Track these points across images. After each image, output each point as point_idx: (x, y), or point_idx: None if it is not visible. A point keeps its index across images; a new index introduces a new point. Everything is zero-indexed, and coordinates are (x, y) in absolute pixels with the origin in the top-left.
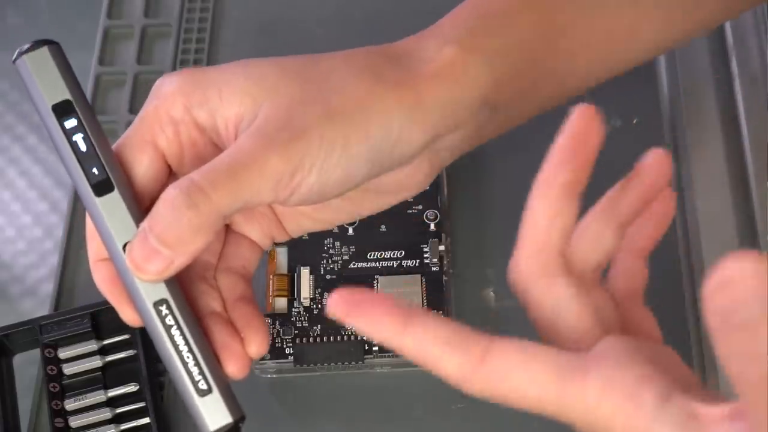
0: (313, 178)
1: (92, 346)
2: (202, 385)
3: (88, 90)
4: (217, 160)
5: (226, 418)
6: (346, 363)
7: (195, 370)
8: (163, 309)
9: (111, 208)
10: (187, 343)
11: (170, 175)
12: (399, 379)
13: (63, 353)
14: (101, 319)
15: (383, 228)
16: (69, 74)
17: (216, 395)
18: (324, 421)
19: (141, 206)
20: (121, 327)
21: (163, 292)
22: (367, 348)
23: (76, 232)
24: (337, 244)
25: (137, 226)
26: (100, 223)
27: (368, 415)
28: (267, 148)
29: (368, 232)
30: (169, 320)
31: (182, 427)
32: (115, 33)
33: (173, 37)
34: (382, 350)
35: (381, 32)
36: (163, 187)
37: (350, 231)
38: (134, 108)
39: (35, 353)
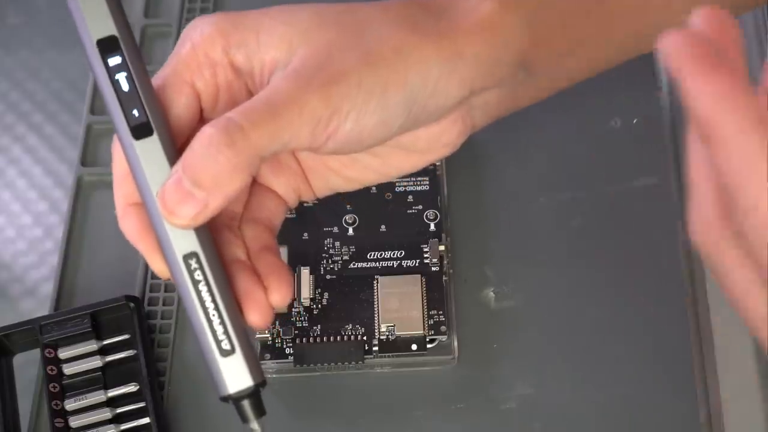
0: (349, 125)
1: (92, 346)
2: (225, 345)
3: (88, 90)
4: (254, 99)
5: (246, 381)
6: (346, 363)
7: (219, 329)
8: (193, 263)
9: (148, 152)
10: (213, 300)
11: (200, 120)
12: (399, 379)
13: (63, 353)
14: (101, 319)
15: (383, 228)
16: (118, 11)
17: (239, 356)
18: (324, 421)
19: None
20: (121, 327)
21: (195, 245)
22: (367, 348)
23: (76, 233)
24: (337, 244)
25: None
26: (135, 167)
27: (368, 415)
28: (305, 90)
29: (368, 232)
30: (198, 275)
31: (182, 427)
32: None
33: (173, 37)
34: (382, 350)
35: None
36: (195, 131)
37: (350, 231)
38: None
39: (35, 353)
